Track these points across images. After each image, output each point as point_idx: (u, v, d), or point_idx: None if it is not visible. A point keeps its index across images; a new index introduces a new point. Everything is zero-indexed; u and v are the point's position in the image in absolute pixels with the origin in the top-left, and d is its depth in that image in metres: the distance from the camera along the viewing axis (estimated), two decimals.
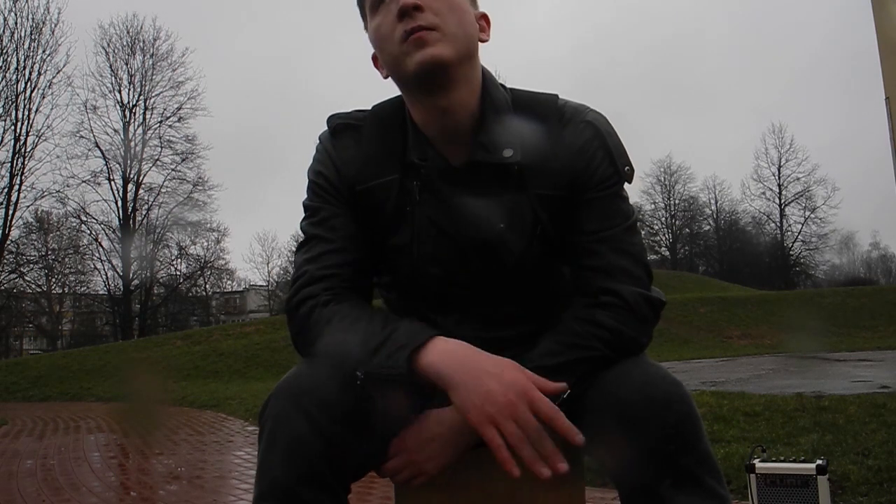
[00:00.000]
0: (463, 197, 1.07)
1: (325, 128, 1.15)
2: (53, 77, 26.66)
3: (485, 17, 1.12)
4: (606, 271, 1.05)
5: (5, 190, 25.86)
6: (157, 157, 29.27)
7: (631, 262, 1.06)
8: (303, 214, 1.12)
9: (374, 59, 1.13)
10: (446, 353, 0.96)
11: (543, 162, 1.07)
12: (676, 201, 43.77)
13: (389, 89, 1.14)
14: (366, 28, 1.11)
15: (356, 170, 1.09)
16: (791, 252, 40.72)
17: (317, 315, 1.03)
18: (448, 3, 1.04)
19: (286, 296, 1.09)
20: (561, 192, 1.07)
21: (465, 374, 0.94)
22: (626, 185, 1.10)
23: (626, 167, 1.09)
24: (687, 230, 44.52)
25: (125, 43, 29.40)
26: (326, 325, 1.01)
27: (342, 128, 1.13)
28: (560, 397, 0.99)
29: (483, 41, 1.10)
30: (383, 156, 1.09)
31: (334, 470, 0.93)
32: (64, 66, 29.97)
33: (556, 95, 1.13)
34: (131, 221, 29.29)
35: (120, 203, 28.93)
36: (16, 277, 27.95)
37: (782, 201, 40.06)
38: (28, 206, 27.03)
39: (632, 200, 1.13)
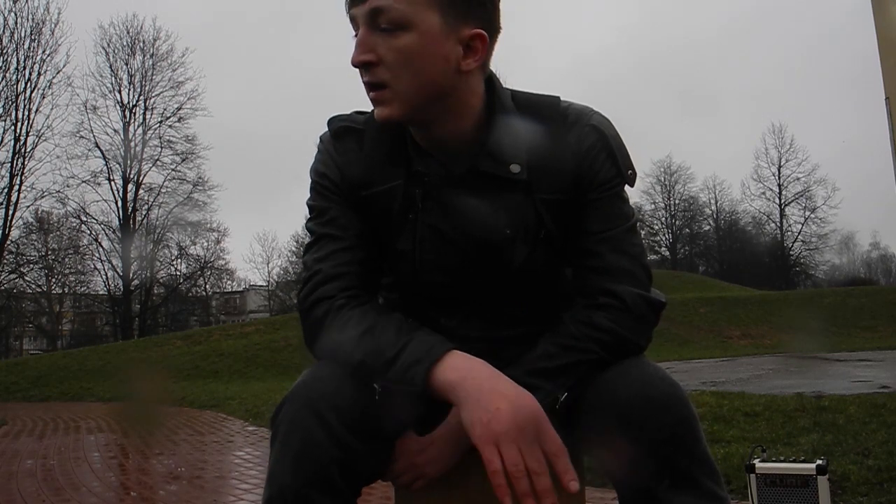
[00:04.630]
0: (467, 203, 1.06)
1: (326, 129, 1.13)
2: (53, 77, 26.70)
3: (478, 36, 0.99)
4: (606, 272, 1.05)
5: (5, 190, 25.91)
6: (157, 157, 29.33)
7: (631, 263, 1.06)
8: (308, 214, 1.11)
9: None
10: (463, 370, 0.94)
11: (548, 168, 1.06)
12: (676, 201, 43.88)
13: None
14: None
15: (359, 174, 1.08)
16: (791, 252, 40.76)
17: (331, 319, 1.02)
18: (405, 55, 0.97)
19: (300, 294, 1.07)
20: (564, 196, 1.06)
21: (478, 390, 0.91)
22: (627, 188, 1.09)
23: (629, 170, 1.08)
24: (687, 230, 44.53)
25: (125, 43, 29.43)
26: (341, 330, 1.01)
27: (344, 130, 1.11)
28: (558, 401, 1.00)
29: (467, 69, 1.00)
30: (386, 162, 1.08)
31: (346, 475, 0.93)
32: (64, 66, 29.96)
33: (558, 97, 1.12)
34: (131, 221, 29.28)
35: (120, 203, 28.97)
36: (16, 277, 27.96)
37: (782, 201, 40.17)
38: (28, 206, 27.11)
39: (632, 201, 1.13)
